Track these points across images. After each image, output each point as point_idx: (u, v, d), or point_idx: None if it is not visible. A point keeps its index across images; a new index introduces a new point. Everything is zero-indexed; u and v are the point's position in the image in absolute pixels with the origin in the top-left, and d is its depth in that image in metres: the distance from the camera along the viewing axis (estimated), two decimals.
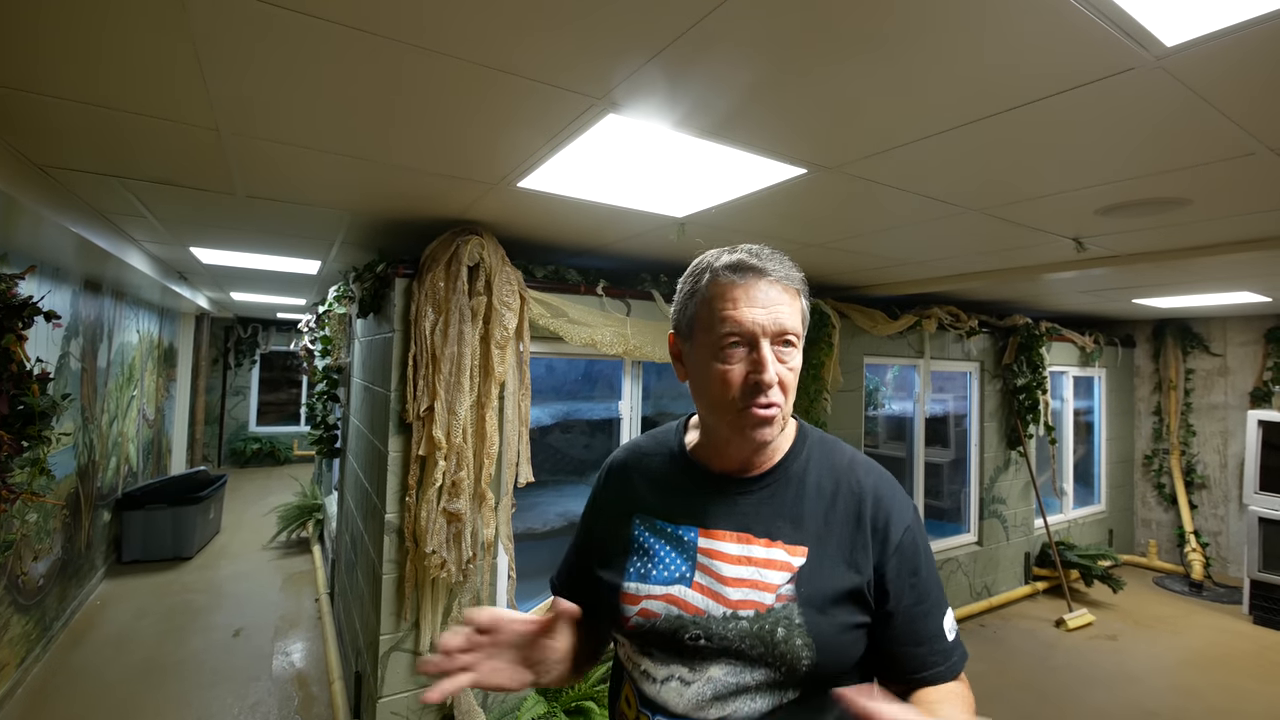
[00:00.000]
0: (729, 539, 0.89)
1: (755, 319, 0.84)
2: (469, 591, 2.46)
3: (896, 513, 0.90)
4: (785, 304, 0.86)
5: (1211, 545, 5.47)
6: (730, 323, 0.84)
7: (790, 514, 0.89)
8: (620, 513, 0.99)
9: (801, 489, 0.91)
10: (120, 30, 1.11)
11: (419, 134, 1.56)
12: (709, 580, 0.87)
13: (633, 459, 1.05)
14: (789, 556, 0.87)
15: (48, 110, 1.47)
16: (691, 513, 0.93)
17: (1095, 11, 0.96)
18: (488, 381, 2.44)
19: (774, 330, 0.85)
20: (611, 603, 0.92)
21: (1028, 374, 4.85)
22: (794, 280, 0.89)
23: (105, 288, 4.37)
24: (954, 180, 1.82)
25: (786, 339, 0.86)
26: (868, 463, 0.96)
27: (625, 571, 0.93)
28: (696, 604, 0.86)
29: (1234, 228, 2.24)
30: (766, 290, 0.86)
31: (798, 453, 0.94)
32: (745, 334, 0.85)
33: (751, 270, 0.86)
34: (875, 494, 0.90)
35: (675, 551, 0.91)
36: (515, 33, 1.09)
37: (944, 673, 0.86)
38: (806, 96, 1.30)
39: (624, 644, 0.93)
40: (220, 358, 9.45)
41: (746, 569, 0.86)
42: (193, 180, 2.02)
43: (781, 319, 0.85)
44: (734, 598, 0.85)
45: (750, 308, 0.85)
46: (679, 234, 2.44)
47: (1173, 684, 3.56)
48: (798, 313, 0.88)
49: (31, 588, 3.33)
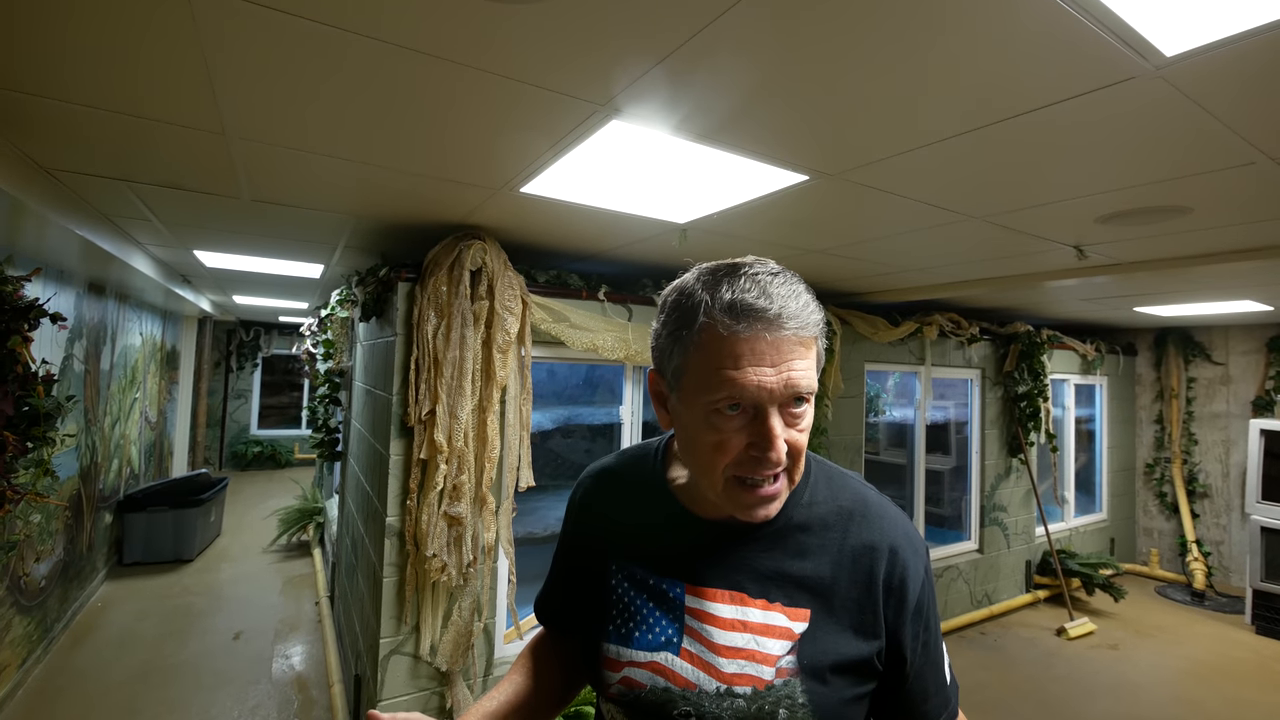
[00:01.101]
0: (721, 599, 0.77)
1: (762, 383, 0.67)
2: (469, 595, 2.46)
3: (913, 567, 0.78)
4: (800, 358, 0.69)
5: (1214, 554, 5.45)
6: (730, 386, 0.67)
7: (792, 570, 0.77)
8: (596, 555, 0.87)
9: (805, 539, 0.78)
10: (128, 36, 1.13)
11: (424, 139, 1.58)
12: (699, 648, 0.76)
13: (605, 490, 0.92)
14: (789, 622, 0.75)
15: (55, 114, 1.49)
16: (677, 564, 0.80)
17: (1095, 22, 0.97)
18: (489, 386, 2.45)
19: (785, 395, 0.68)
20: (591, 663, 0.83)
21: (1029, 381, 4.85)
22: (811, 327, 0.70)
23: (109, 290, 4.39)
24: (955, 188, 1.83)
25: (799, 401, 0.70)
26: (879, 503, 0.82)
27: (605, 631, 0.82)
28: (686, 676, 0.75)
29: (1235, 236, 2.24)
30: (778, 344, 0.68)
31: (799, 494, 0.80)
32: (749, 401, 0.68)
33: (759, 319, 0.67)
34: (891, 546, 0.78)
35: (660, 610, 0.79)
36: (520, 39, 1.10)
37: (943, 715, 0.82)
38: (808, 103, 1.31)
39: (610, 710, 0.83)
40: (222, 361, 9.47)
41: (741, 636, 0.75)
42: (198, 184, 2.03)
43: (796, 380, 0.68)
44: (729, 670, 0.74)
45: (756, 368, 0.67)
46: (681, 240, 2.45)
47: (1174, 694, 3.55)
48: (813, 364, 0.71)
49: (33, 589, 3.34)
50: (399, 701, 2.40)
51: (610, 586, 0.84)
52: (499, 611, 2.70)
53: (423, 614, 2.43)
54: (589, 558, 0.89)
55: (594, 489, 0.94)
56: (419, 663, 2.44)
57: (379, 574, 2.44)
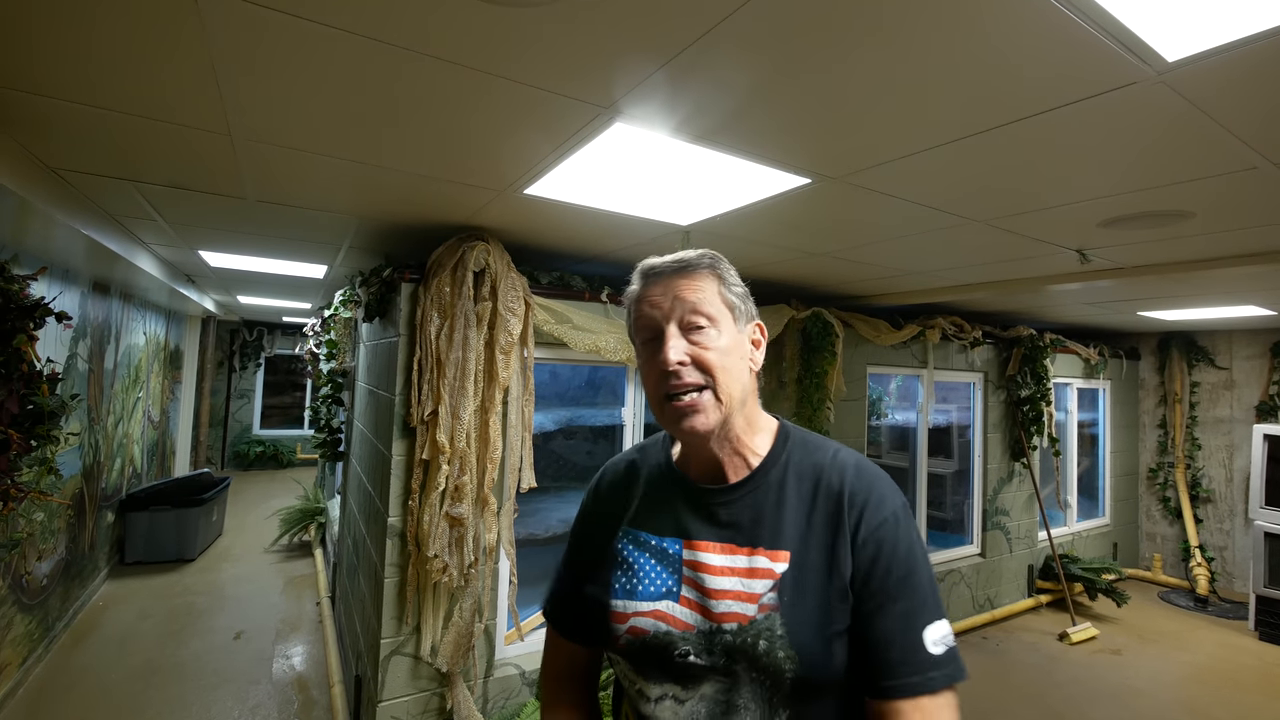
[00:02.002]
0: (713, 550, 0.87)
1: (655, 308, 0.87)
2: (470, 596, 2.46)
3: (873, 506, 0.85)
4: (689, 288, 0.86)
5: (1217, 560, 5.43)
6: (641, 319, 0.88)
7: (770, 520, 0.86)
8: (607, 527, 0.98)
9: (781, 494, 0.88)
10: (136, 36, 1.14)
11: (428, 141, 1.58)
12: (695, 594, 0.85)
13: (621, 472, 1.03)
14: (771, 563, 0.84)
15: (62, 114, 1.50)
16: (676, 525, 0.91)
17: (1097, 27, 0.97)
18: (492, 387, 2.46)
19: (676, 315, 0.85)
20: (601, 621, 0.91)
21: (1032, 385, 4.84)
22: (700, 265, 0.88)
23: (114, 290, 4.41)
24: (957, 191, 1.83)
25: (695, 322, 0.85)
26: (852, 458, 0.90)
27: (611, 588, 0.91)
28: (684, 619, 0.85)
29: (1237, 241, 2.24)
30: (671, 280, 0.87)
31: (776, 456, 0.91)
32: (650, 326, 0.87)
33: (656, 272, 0.89)
34: (852, 489, 0.86)
35: (660, 565, 0.89)
36: (523, 42, 1.10)
37: (918, 684, 0.77)
38: (810, 107, 1.31)
39: (619, 662, 0.92)
40: (225, 361, 9.50)
41: (731, 580, 0.84)
42: (204, 184, 2.04)
43: (683, 301, 0.85)
44: (719, 610, 0.83)
45: (653, 300, 0.87)
46: (684, 242, 2.45)
47: (1177, 700, 3.53)
48: (708, 293, 0.87)
49: (35, 587, 3.35)
50: (399, 702, 2.41)
51: (616, 550, 0.94)
52: (500, 613, 2.70)
53: (424, 615, 2.43)
54: (601, 527, 0.99)
55: (612, 470, 1.05)
56: (420, 663, 2.45)
57: (380, 574, 2.45)
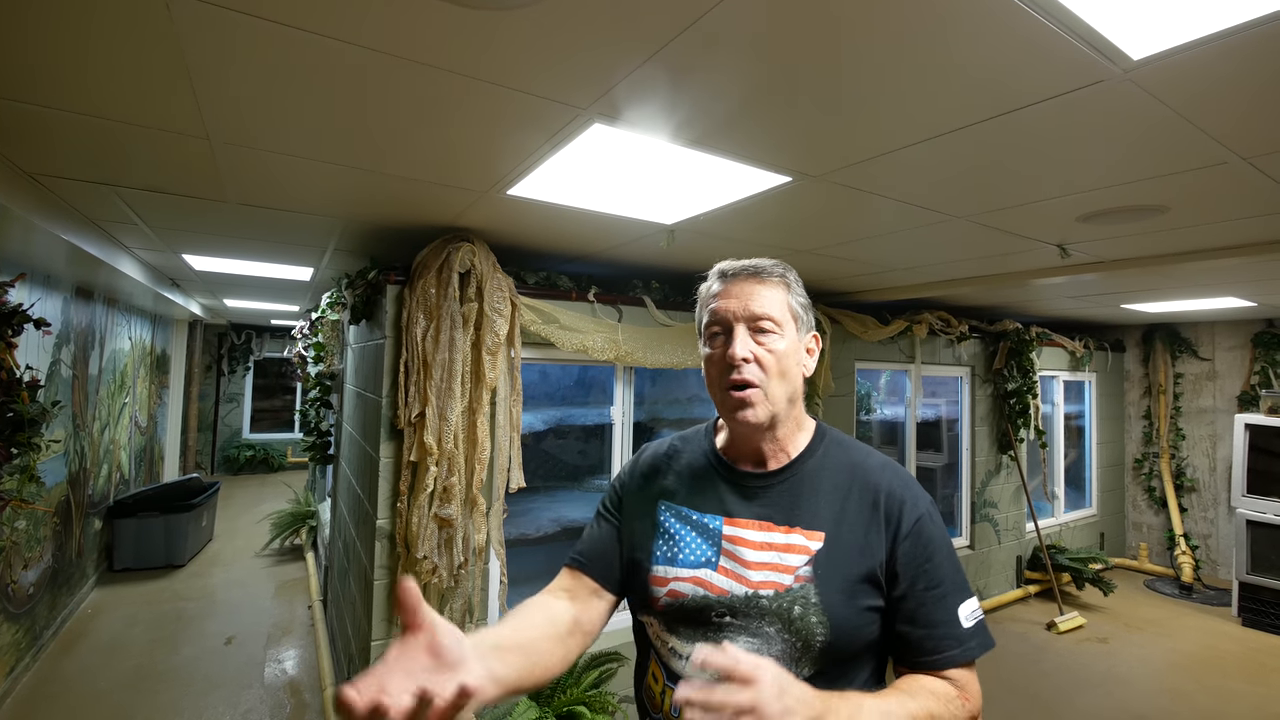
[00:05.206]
0: (752, 526, 0.96)
1: (729, 307, 0.97)
2: (460, 597, 2.46)
3: (910, 503, 0.95)
4: (760, 294, 0.96)
5: (1201, 548, 5.51)
6: (711, 314, 0.99)
7: (808, 504, 0.96)
8: (647, 498, 1.06)
9: (817, 483, 0.97)
10: (109, 39, 1.13)
11: (408, 143, 1.58)
12: (733, 565, 0.94)
13: (665, 453, 1.12)
14: (807, 541, 0.93)
15: (38, 119, 1.49)
16: (718, 503, 1.00)
17: (1062, 26, 0.99)
18: (479, 387, 2.46)
19: (746, 315, 0.95)
20: (641, 583, 0.99)
21: (1018, 378, 4.89)
22: (773, 273, 0.98)
23: (97, 294, 4.37)
24: (937, 188, 1.85)
25: (761, 325, 0.95)
26: (885, 460, 1.02)
27: (652, 555, 1.00)
28: (722, 585, 0.93)
29: (1213, 234, 2.27)
30: (745, 283, 0.98)
31: (814, 450, 1.01)
32: (723, 322, 0.97)
33: (732, 274, 1.00)
34: (889, 486, 0.96)
35: (701, 537, 0.98)
36: (503, 44, 1.11)
37: (957, 655, 0.89)
38: (786, 106, 1.32)
39: (652, 623, 1.00)
40: (213, 364, 9.42)
41: (768, 554, 0.93)
42: (184, 188, 2.03)
43: (752, 305, 0.95)
44: (755, 579, 0.92)
45: (727, 300, 0.97)
46: (668, 241, 2.46)
47: (1162, 686, 3.59)
48: (776, 301, 0.97)
49: (21, 596, 3.32)
50: None
51: (659, 522, 1.02)
52: (490, 613, 2.70)
53: None
54: (640, 497, 1.08)
55: (656, 450, 1.14)
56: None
57: (370, 576, 2.45)
